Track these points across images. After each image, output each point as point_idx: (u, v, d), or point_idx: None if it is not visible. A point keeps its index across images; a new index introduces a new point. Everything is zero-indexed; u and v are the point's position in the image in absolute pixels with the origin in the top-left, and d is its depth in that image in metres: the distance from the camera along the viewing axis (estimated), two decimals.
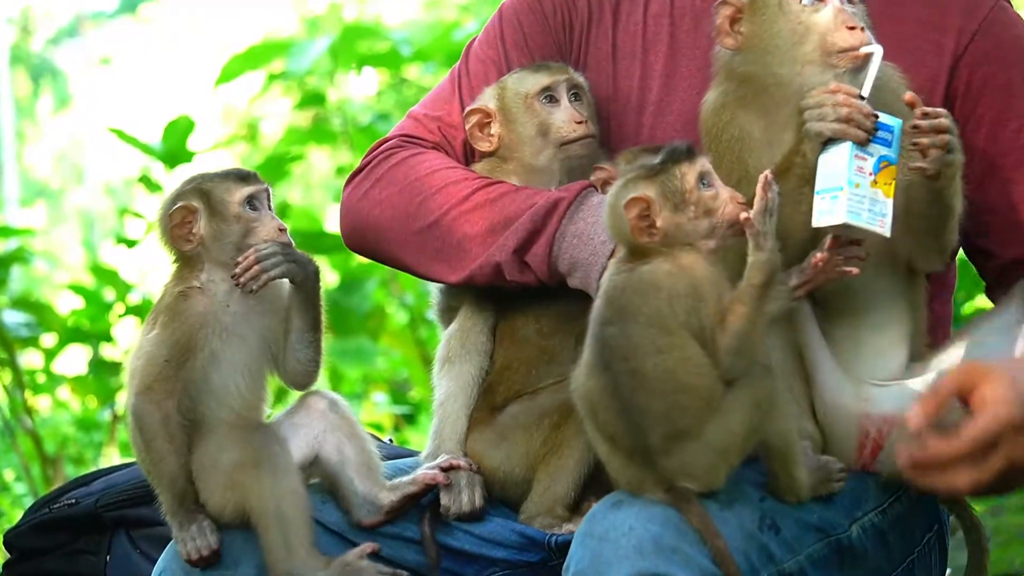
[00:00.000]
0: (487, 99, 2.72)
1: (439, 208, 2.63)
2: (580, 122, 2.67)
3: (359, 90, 9.22)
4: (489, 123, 2.71)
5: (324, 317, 2.61)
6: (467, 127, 2.70)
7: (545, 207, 2.55)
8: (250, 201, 2.57)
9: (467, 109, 2.71)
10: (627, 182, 2.34)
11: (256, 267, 2.51)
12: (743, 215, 2.25)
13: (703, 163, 2.33)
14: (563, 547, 2.50)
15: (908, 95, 2.34)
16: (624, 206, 2.30)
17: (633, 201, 2.29)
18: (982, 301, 7.75)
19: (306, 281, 2.56)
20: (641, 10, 2.78)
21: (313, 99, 7.00)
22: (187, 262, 2.57)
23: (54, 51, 23.44)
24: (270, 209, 2.59)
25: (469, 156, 2.78)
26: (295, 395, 2.65)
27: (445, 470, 2.57)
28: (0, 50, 19.57)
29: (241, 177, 2.59)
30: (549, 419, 2.58)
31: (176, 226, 2.56)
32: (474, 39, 2.90)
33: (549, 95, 2.69)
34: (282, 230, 2.56)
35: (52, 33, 23.31)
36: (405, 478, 2.58)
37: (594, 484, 2.55)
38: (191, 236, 2.55)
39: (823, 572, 2.39)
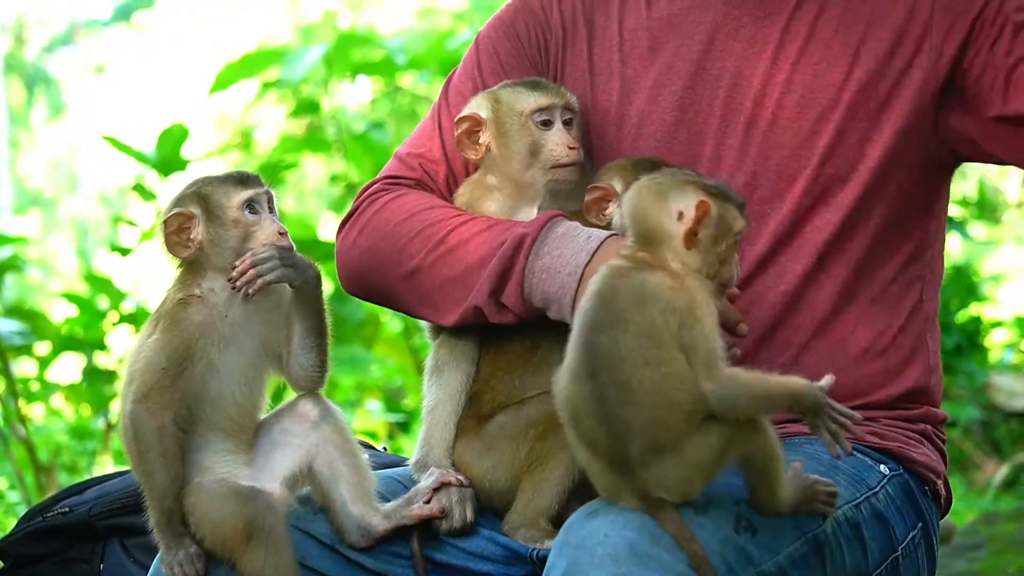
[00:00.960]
0: (478, 107, 2.71)
1: (418, 254, 2.63)
2: (572, 148, 2.66)
3: (353, 98, 9.22)
4: (479, 131, 2.70)
5: (328, 321, 2.59)
6: (456, 133, 2.69)
7: (512, 246, 2.54)
8: (249, 205, 2.54)
9: (457, 116, 2.71)
10: (687, 184, 2.32)
11: (252, 271, 2.48)
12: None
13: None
14: (546, 561, 2.52)
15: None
16: (696, 206, 2.27)
17: (701, 205, 2.28)
18: (976, 310, 7.79)
19: (305, 285, 2.54)
20: (616, 25, 2.78)
21: (307, 107, 7.01)
22: (190, 268, 2.54)
23: (48, 59, 23.44)
24: (272, 212, 2.56)
25: (453, 188, 2.77)
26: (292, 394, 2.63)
27: (437, 490, 2.56)
28: None
29: (240, 180, 2.56)
30: (534, 430, 2.58)
31: (173, 232, 2.52)
32: (453, 72, 2.90)
33: (544, 118, 2.68)
34: (282, 233, 2.53)
35: (46, 41, 23.32)
36: (400, 505, 2.56)
37: (579, 497, 2.55)
38: (189, 242, 2.52)
39: (803, 572, 2.39)
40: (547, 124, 2.67)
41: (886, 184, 2.61)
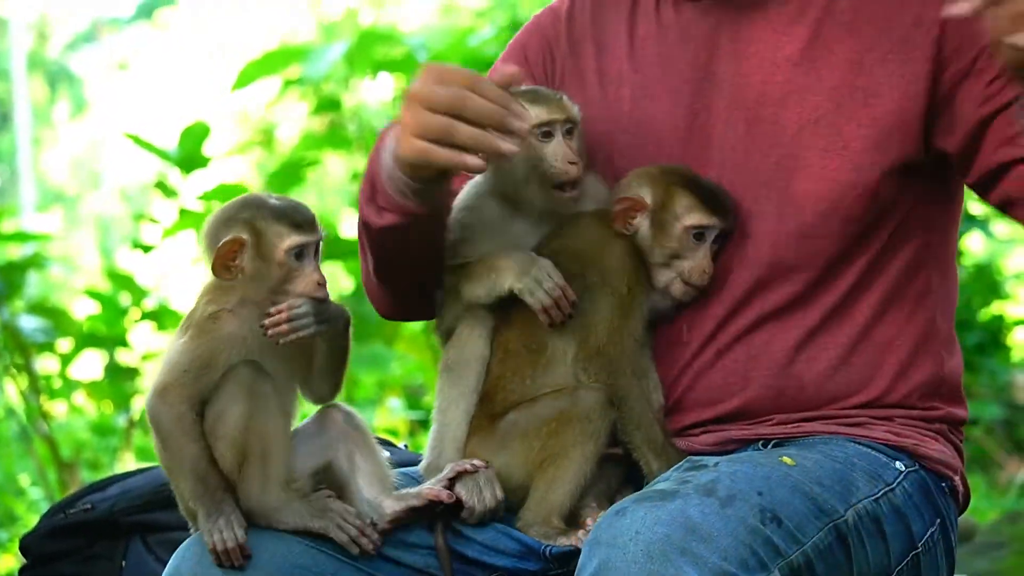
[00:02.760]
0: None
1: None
2: (573, 163, 2.62)
3: (375, 95, 9.22)
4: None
5: (348, 355, 2.60)
6: None
7: (371, 157, 2.61)
8: (298, 252, 2.52)
9: None
10: None
11: (286, 325, 2.48)
12: None
13: None
14: (559, 557, 2.53)
15: None
16: None
17: None
18: (998, 308, 7.76)
19: (336, 337, 2.55)
20: (626, 35, 2.78)
21: (329, 104, 7.01)
22: (216, 282, 2.54)
23: (71, 57, 23.52)
24: (316, 259, 2.54)
25: None
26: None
27: (453, 479, 2.57)
28: (17, 56, 19.64)
29: (296, 224, 2.52)
30: (547, 427, 2.58)
31: (223, 256, 2.51)
32: None
33: (544, 131, 2.62)
34: (321, 284, 2.52)
35: (69, 39, 23.40)
36: (411, 490, 2.57)
37: (592, 494, 2.55)
38: (232, 266, 2.51)
39: (829, 564, 2.40)
40: (547, 136, 2.63)
41: (891, 187, 2.61)
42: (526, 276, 2.57)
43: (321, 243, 2.55)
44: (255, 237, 2.50)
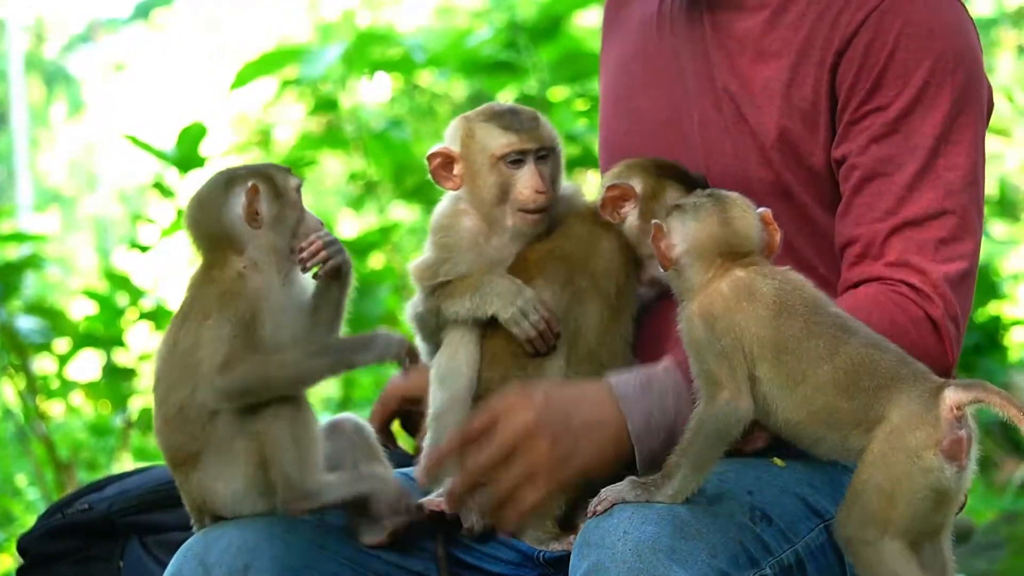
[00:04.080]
0: (451, 140, 2.68)
1: None
2: (541, 192, 2.62)
3: (372, 96, 9.22)
4: (452, 164, 2.67)
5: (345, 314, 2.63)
6: (430, 168, 2.68)
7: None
8: (298, 190, 2.61)
9: (429, 152, 2.69)
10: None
11: (323, 252, 2.54)
12: None
13: None
14: (553, 561, 2.54)
15: None
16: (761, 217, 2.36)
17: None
18: (996, 308, 7.76)
19: (347, 276, 2.61)
20: (632, 23, 2.82)
21: (326, 105, 7.01)
22: (217, 254, 2.56)
23: (68, 57, 23.49)
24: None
25: None
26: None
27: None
28: (14, 57, 19.61)
29: (285, 169, 2.62)
30: None
31: (248, 204, 2.55)
32: None
33: (515, 159, 2.62)
34: (322, 224, 2.61)
35: (66, 40, 23.37)
36: (414, 503, 2.58)
37: (586, 500, 2.56)
38: (257, 216, 2.56)
39: (821, 564, 2.40)
40: (518, 164, 2.63)
41: (834, 187, 2.60)
42: (512, 306, 2.58)
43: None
44: (268, 183, 2.56)
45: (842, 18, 2.54)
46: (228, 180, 2.58)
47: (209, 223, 2.57)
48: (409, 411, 2.96)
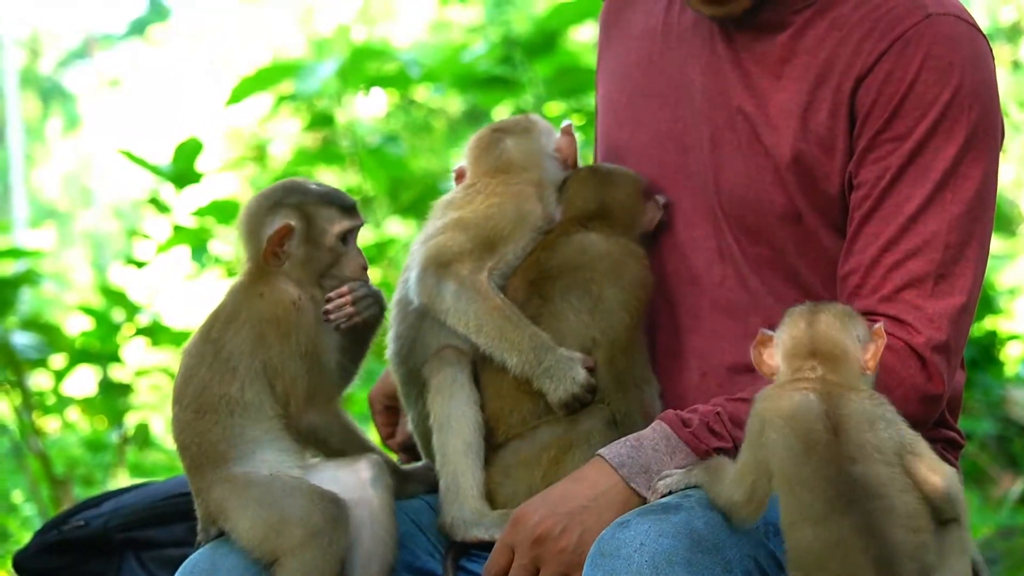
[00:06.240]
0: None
1: None
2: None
3: (368, 111, 9.23)
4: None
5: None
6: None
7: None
8: (345, 235, 2.55)
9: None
10: (851, 317, 2.37)
11: (351, 308, 2.51)
12: None
13: None
14: None
15: None
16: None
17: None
18: (991, 323, 7.77)
19: (374, 327, 2.59)
20: (634, 30, 2.83)
21: (322, 120, 7.01)
22: (259, 264, 2.53)
23: (63, 73, 23.51)
24: (356, 243, 2.58)
25: None
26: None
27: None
28: (9, 72, 19.62)
29: (344, 209, 2.55)
30: (547, 454, 2.60)
31: (273, 241, 2.51)
32: None
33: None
34: (364, 268, 2.55)
35: (61, 55, 23.38)
36: None
37: None
38: (281, 253, 2.52)
39: None
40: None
41: (844, 212, 2.60)
42: (562, 390, 2.58)
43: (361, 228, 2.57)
44: (304, 223, 2.50)
45: (865, 45, 2.54)
46: (273, 205, 2.53)
47: (246, 236, 2.55)
48: (388, 406, 2.97)
